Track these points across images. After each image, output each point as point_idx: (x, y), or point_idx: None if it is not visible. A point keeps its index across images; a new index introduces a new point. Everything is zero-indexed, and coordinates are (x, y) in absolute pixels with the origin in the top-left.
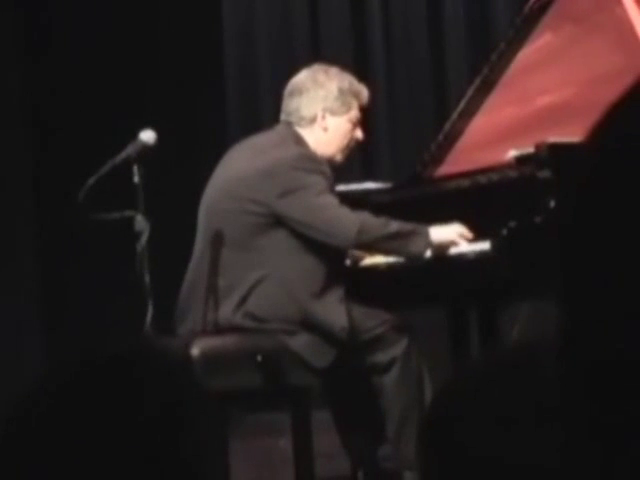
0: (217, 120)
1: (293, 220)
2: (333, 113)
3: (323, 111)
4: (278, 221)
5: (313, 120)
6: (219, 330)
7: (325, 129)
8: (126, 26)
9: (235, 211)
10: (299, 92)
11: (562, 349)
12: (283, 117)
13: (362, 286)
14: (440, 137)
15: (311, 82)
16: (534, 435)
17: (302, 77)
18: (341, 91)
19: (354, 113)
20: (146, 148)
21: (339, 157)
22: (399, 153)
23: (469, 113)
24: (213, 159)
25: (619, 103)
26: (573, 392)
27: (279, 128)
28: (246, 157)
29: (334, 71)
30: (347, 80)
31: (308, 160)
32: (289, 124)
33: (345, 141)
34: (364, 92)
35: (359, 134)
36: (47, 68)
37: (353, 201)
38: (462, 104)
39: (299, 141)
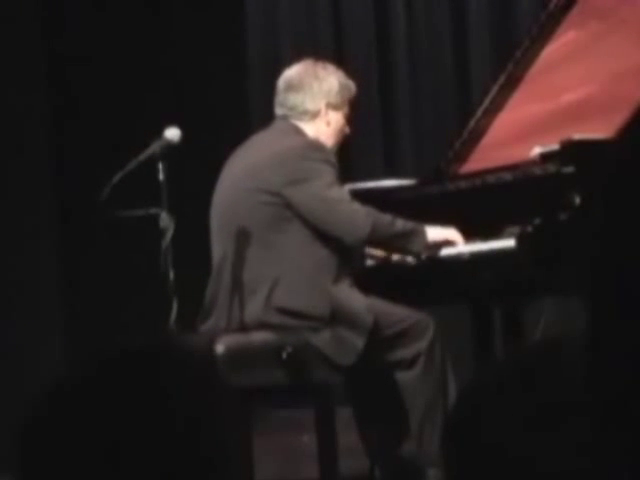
0: (241, 118)
1: (304, 208)
2: (334, 107)
3: (326, 106)
4: (290, 212)
5: (316, 114)
6: (243, 327)
7: (328, 123)
8: (151, 22)
9: (248, 205)
10: (300, 87)
11: (589, 346)
12: (281, 112)
13: (385, 283)
14: (464, 134)
15: (312, 77)
16: (561, 435)
17: (300, 72)
18: (341, 86)
19: (347, 108)
20: (171, 145)
21: (333, 152)
22: (422, 150)
23: (493, 110)
24: None
25: None
26: (601, 387)
27: (277, 123)
28: (250, 153)
29: (331, 66)
30: (342, 75)
31: (316, 149)
32: (286, 118)
33: (340, 135)
34: (354, 87)
35: (347, 129)
36: (71, 65)
37: (375, 198)
38: (486, 101)
39: (300, 133)
